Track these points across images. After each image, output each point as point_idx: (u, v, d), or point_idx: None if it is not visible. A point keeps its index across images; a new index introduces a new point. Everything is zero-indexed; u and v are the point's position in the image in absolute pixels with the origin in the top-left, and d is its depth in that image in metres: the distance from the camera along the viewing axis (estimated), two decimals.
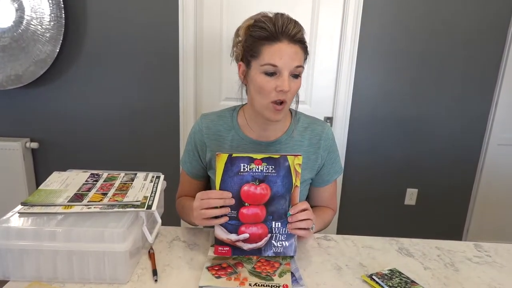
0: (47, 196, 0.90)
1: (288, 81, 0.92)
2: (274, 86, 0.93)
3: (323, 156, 1.11)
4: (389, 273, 0.90)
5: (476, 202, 2.47)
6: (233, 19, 2.15)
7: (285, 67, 0.91)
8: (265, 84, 0.93)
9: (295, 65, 0.92)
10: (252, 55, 0.94)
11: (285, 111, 0.99)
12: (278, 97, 0.93)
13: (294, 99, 1.04)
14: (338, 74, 2.24)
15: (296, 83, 0.95)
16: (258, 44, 0.93)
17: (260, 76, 0.93)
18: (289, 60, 0.91)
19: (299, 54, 0.93)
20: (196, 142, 1.11)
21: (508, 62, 2.22)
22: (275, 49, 0.91)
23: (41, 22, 2.03)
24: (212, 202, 0.86)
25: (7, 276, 0.82)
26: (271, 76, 0.93)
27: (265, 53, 0.92)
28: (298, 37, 0.92)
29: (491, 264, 0.99)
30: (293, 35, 0.91)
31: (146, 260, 0.92)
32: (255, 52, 0.93)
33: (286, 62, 0.91)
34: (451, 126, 2.35)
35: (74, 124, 2.28)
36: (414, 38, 2.19)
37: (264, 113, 0.98)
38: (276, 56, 0.91)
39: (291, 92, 0.95)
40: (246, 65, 0.98)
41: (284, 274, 0.86)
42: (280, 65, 0.91)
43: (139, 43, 2.16)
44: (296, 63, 0.92)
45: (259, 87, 0.94)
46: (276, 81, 0.92)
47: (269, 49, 0.91)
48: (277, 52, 0.91)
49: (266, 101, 0.95)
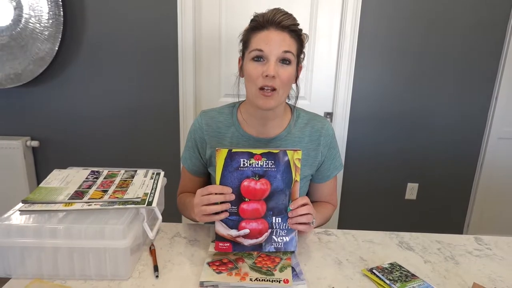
0: (48, 194, 0.90)
1: (274, 66, 0.92)
2: (261, 71, 0.93)
3: (323, 153, 1.10)
4: (390, 266, 0.90)
5: (477, 196, 2.47)
6: (232, 16, 2.15)
7: (271, 52, 0.93)
8: (253, 71, 0.94)
9: (282, 50, 0.93)
10: (245, 46, 0.98)
11: (277, 100, 0.97)
12: (265, 82, 0.93)
13: (293, 93, 1.03)
14: (338, 69, 2.23)
15: (285, 69, 0.95)
16: (248, 34, 0.97)
17: (249, 63, 0.96)
18: (276, 45, 0.92)
19: (287, 40, 0.94)
20: (196, 139, 1.11)
21: (508, 55, 2.21)
22: (261, 36, 0.94)
23: (39, 20, 2.03)
24: (212, 198, 0.86)
25: (8, 273, 0.82)
26: (259, 62, 0.94)
27: (253, 42, 0.95)
28: (285, 24, 0.93)
29: (491, 257, 0.99)
30: (280, 22, 0.92)
31: (147, 256, 0.92)
32: (246, 42, 0.97)
33: (273, 47, 0.92)
34: (451, 121, 2.35)
35: (74, 122, 2.29)
36: (413, 33, 2.19)
37: (255, 101, 0.97)
38: (262, 42, 0.93)
39: (281, 79, 0.94)
40: (242, 58, 1.02)
41: (284, 269, 0.86)
42: (266, 50, 0.93)
43: (138, 40, 2.15)
44: (284, 48, 0.93)
45: (248, 74, 0.96)
46: (263, 67, 0.94)
47: (257, 36, 0.94)
48: (264, 38, 0.93)
49: (255, 88, 0.95)
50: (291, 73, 0.97)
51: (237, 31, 1.05)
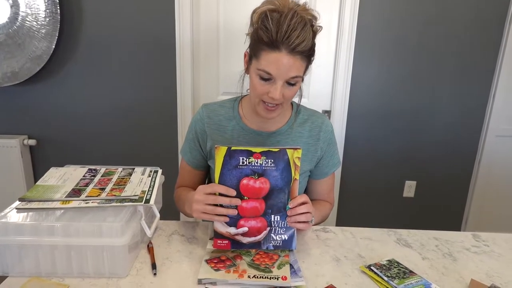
0: (45, 192, 0.90)
1: (280, 90, 0.91)
2: (267, 91, 0.92)
3: (323, 148, 1.11)
4: (388, 263, 0.90)
5: (475, 193, 2.48)
6: (230, 11, 2.14)
7: (280, 77, 0.89)
8: (259, 87, 0.93)
9: (291, 75, 0.89)
10: (254, 54, 0.93)
11: (279, 112, 0.99)
12: (269, 101, 0.94)
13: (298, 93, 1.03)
14: (336, 67, 2.23)
15: (291, 90, 0.94)
16: (259, 45, 0.90)
17: (256, 77, 0.93)
18: (285, 70, 0.88)
19: (297, 65, 0.89)
20: (197, 131, 1.11)
21: (506, 53, 2.21)
22: (272, 58, 0.88)
23: (36, 18, 2.02)
24: (219, 200, 0.86)
25: (6, 272, 0.82)
26: (266, 81, 0.92)
27: (263, 59, 0.89)
28: (299, 49, 0.86)
29: (489, 254, 0.99)
30: (294, 47, 0.86)
31: (145, 254, 0.92)
32: (256, 52, 0.91)
33: (282, 72, 0.88)
34: (449, 118, 2.35)
35: (71, 120, 2.28)
36: (411, 30, 2.19)
37: (258, 110, 0.99)
38: (273, 65, 0.88)
39: (285, 98, 0.94)
40: (249, 58, 0.96)
41: (283, 266, 0.86)
42: (275, 74, 0.89)
43: (135, 38, 2.15)
44: (293, 74, 0.89)
45: (253, 86, 0.95)
46: (270, 87, 0.92)
47: (267, 56, 0.88)
48: (274, 61, 0.88)
49: (258, 99, 0.96)
50: (296, 91, 0.96)
51: (236, 29, 1.03)
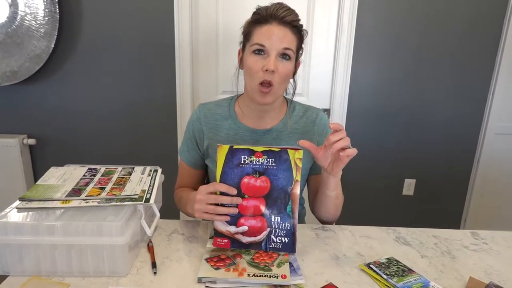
0: (45, 191, 0.90)
1: (274, 61, 0.94)
2: (262, 65, 0.95)
3: (319, 142, 1.11)
4: (387, 261, 0.90)
5: (474, 191, 2.48)
6: (229, 12, 2.14)
7: (272, 47, 0.94)
8: (253, 64, 0.96)
9: (283, 46, 0.94)
10: (246, 38, 0.99)
11: (274, 95, 0.99)
12: (265, 77, 0.95)
13: (291, 89, 1.04)
14: (335, 65, 2.23)
15: (285, 65, 0.96)
16: (250, 27, 0.98)
17: (250, 56, 0.97)
18: (277, 41, 0.94)
19: (288, 36, 0.95)
20: (194, 131, 1.12)
21: (505, 51, 2.22)
22: (264, 30, 0.95)
23: (35, 17, 2.01)
24: (220, 199, 0.86)
25: (6, 271, 0.82)
26: (259, 55, 0.95)
27: (255, 34, 0.96)
28: (288, 19, 0.94)
29: (487, 252, 0.99)
30: (283, 17, 0.93)
31: (145, 253, 0.93)
32: (248, 35, 0.98)
33: (274, 43, 0.94)
34: (448, 116, 2.35)
35: (71, 119, 2.28)
36: (410, 28, 2.19)
37: (254, 96, 1.00)
38: (264, 36, 0.94)
39: (279, 74, 0.96)
40: (242, 50, 1.03)
41: (282, 265, 0.86)
42: (267, 45, 0.94)
43: (134, 37, 2.15)
44: (285, 45, 0.94)
45: (248, 67, 0.97)
46: (264, 60, 0.95)
47: (259, 30, 0.95)
48: (266, 32, 0.94)
49: (255, 82, 0.97)
50: (290, 69, 0.98)
51: (235, 27, 1.05)
